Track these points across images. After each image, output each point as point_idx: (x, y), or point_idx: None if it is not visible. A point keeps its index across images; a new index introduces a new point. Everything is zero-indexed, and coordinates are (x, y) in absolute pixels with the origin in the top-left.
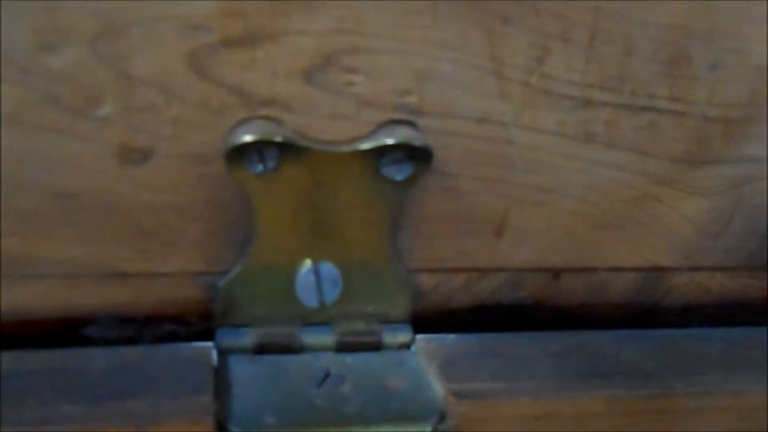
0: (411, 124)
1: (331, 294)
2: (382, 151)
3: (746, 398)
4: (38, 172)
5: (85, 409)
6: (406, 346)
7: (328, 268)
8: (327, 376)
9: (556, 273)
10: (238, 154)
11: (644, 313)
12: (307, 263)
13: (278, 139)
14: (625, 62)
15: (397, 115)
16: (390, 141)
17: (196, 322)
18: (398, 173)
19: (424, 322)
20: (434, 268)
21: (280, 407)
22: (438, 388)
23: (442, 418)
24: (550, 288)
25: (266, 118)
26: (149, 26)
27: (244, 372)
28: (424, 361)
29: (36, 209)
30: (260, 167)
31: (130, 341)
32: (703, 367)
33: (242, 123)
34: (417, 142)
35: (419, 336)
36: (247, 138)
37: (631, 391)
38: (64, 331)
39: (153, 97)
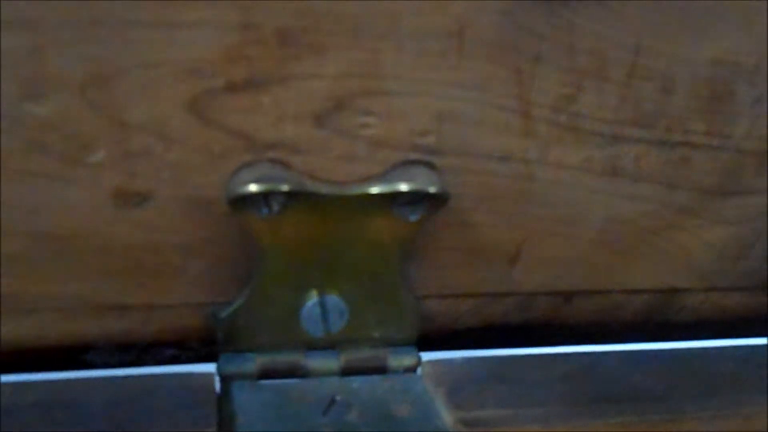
0: (427, 164)
1: (337, 324)
2: (395, 195)
3: (758, 422)
4: (28, 216)
5: None
6: (412, 369)
7: (335, 300)
8: (332, 402)
9: (568, 296)
10: (243, 200)
11: (654, 328)
12: (313, 296)
13: (284, 188)
14: (663, 99)
15: (413, 155)
16: (404, 187)
17: (198, 347)
18: (411, 214)
19: (430, 341)
20: (444, 295)
21: None
22: (445, 415)
23: None
24: (561, 310)
25: (272, 161)
26: (143, 72)
27: (248, 400)
28: (431, 387)
29: (27, 252)
30: (265, 211)
31: (131, 365)
32: (714, 389)
33: (246, 166)
34: (433, 189)
35: (425, 359)
36: (252, 188)
37: (642, 417)
38: (65, 357)
39: (150, 142)
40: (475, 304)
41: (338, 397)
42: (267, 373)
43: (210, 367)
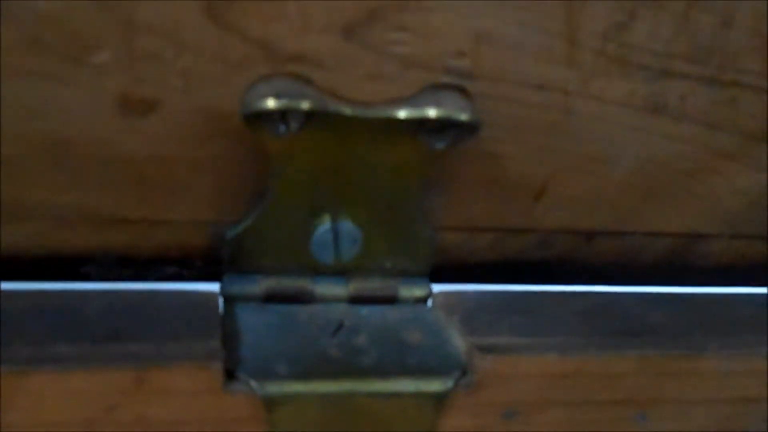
0: (459, 89)
1: (349, 252)
2: (422, 120)
3: None
4: (27, 118)
5: (82, 350)
6: (424, 300)
7: (348, 226)
8: (341, 326)
9: (589, 236)
10: (259, 116)
11: (675, 273)
12: (326, 221)
13: (305, 106)
14: (720, 34)
15: (445, 79)
16: (432, 113)
17: (202, 266)
18: (438, 142)
19: (443, 274)
20: (462, 227)
21: (293, 357)
22: (459, 342)
23: (464, 373)
24: (581, 250)
25: (292, 75)
26: None
27: (252, 320)
28: (443, 316)
29: (26, 156)
30: (283, 128)
31: (131, 281)
32: (735, 330)
33: (264, 79)
34: (464, 116)
35: (437, 290)
36: (270, 104)
37: (662, 351)
38: (63, 268)
39: (160, 45)
40: (493, 239)
41: (346, 322)
42: (272, 296)
43: (214, 287)
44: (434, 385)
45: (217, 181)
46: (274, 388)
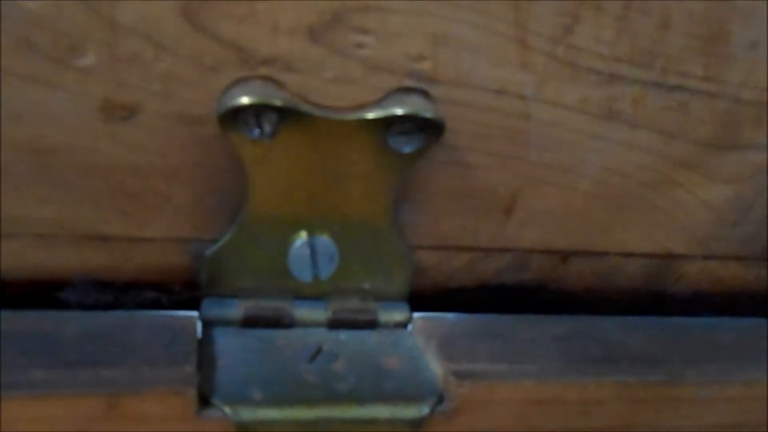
0: (423, 92)
1: (327, 269)
2: (390, 121)
3: (758, 388)
4: (12, 123)
5: (55, 375)
6: (403, 325)
7: (325, 241)
8: (319, 351)
9: (565, 256)
10: (234, 117)
11: (651, 299)
12: (303, 236)
13: (278, 103)
14: (660, 36)
15: (408, 82)
16: (399, 111)
17: (180, 291)
18: (406, 145)
19: (422, 300)
20: (437, 246)
21: (268, 382)
22: (436, 368)
23: (441, 399)
24: (557, 271)
25: (265, 78)
26: None
27: (230, 345)
28: (422, 341)
29: (7, 164)
30: (257, 132)
31: (109, 307)
32: (713, 356)
33: (239, 83)
34: (429, 114)
35: (416, 315)
36: (244, 100)
37: (640, 378)
38: (39, 294)
39: (141, 48)
40: (469, 260)
41: (325, 347)
42: (251, 320)
43: (193, 314)
44: (410, 411)
45: (194, 194)
46: (248, 414)
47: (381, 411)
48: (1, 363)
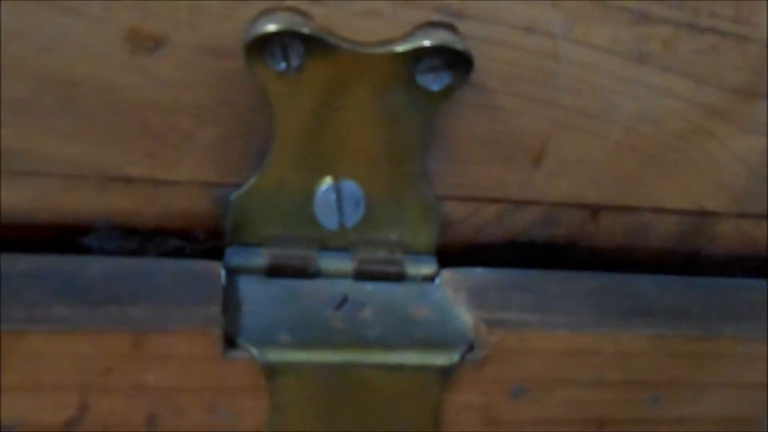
0: (451, 27)
1: (353, 216)
2: (418, 55)
3: None
4: (38, 54)
5: (79, 312)
6: (431, 278)
7: (351, 186)
8: (345, 300)
9: (595, 210)
10: (260, 46)
11: (685, 261)
12: (328, 180)
13: (305, 30)
14: None
15: (437, 17)
16: (427, 43)
17: (204, 239)
18: (434, 83)
19: (450, 255)
20: (465, 197)
21: (295, 326)
22: (466, 317)
23: (471, 347)
24: (587, 227)
25: (293, 9)
26: None
27: (254, 292)
28: (450, 293)
29: (33, 97)
30: (283, 65)
31: (132, 255)
32: (751, 314)
33: (265, 13)
34: (457, 46)
35: (445, 269)
36: (271, 27)
37: (677, 331)
38: (61, 239)
39: None
40: (497, 212)
41: (351, 296)
42: (276, 269)
43: (217, 263)
44: (440, 359)
45: (220, 134)
46: (275, 355)
47: (410, 357)
48: (24, 299)
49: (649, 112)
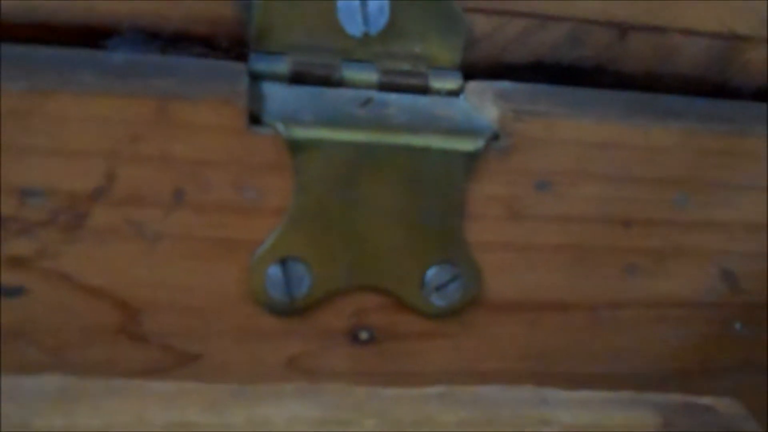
0: None
1: (377, 23)
2: None
3: None
4: None
5: (106, 80)
6: (455, 93)
7: None
8: (369, 100)
9: (624, 30)
10: None
11: (713, 90)
12: None
13: None
14: None
15: None
16: None
17: (228, 47)
18: None
19: (474, 77)
20: (490, 9)
21: (320, 111)
22: (492, 110)
23: (497, 136)
24: (614, 48)
25: None
26: None
27: (278, 93)
28: (476, 100)
29: None
30: None
31: None
32: None
33: None
34: None
35: (470, 83)
36: None
37: (708, 126)
38: (84, 42)
39: None
40: (523, 28)
41: (376, 98)
42: (299, 76)
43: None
44: (465, 144)
45: None
46: (300, 132)
47: (435, 140)
48: (51, 66)
49: None
